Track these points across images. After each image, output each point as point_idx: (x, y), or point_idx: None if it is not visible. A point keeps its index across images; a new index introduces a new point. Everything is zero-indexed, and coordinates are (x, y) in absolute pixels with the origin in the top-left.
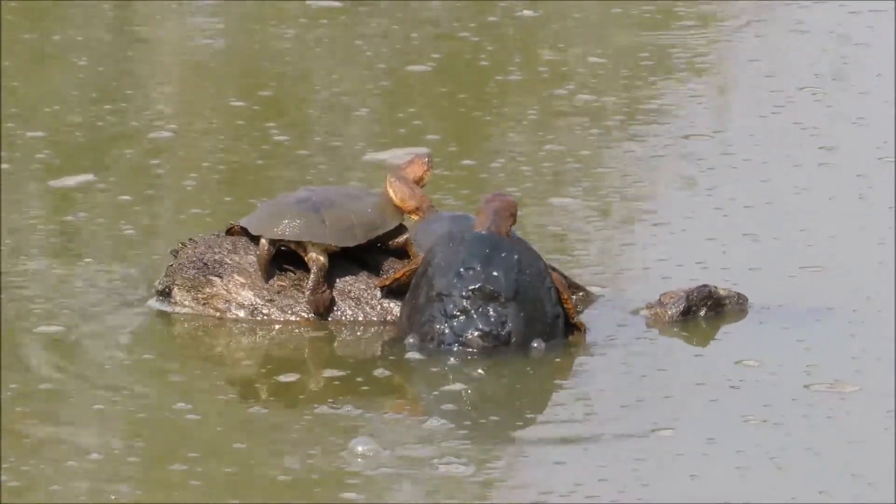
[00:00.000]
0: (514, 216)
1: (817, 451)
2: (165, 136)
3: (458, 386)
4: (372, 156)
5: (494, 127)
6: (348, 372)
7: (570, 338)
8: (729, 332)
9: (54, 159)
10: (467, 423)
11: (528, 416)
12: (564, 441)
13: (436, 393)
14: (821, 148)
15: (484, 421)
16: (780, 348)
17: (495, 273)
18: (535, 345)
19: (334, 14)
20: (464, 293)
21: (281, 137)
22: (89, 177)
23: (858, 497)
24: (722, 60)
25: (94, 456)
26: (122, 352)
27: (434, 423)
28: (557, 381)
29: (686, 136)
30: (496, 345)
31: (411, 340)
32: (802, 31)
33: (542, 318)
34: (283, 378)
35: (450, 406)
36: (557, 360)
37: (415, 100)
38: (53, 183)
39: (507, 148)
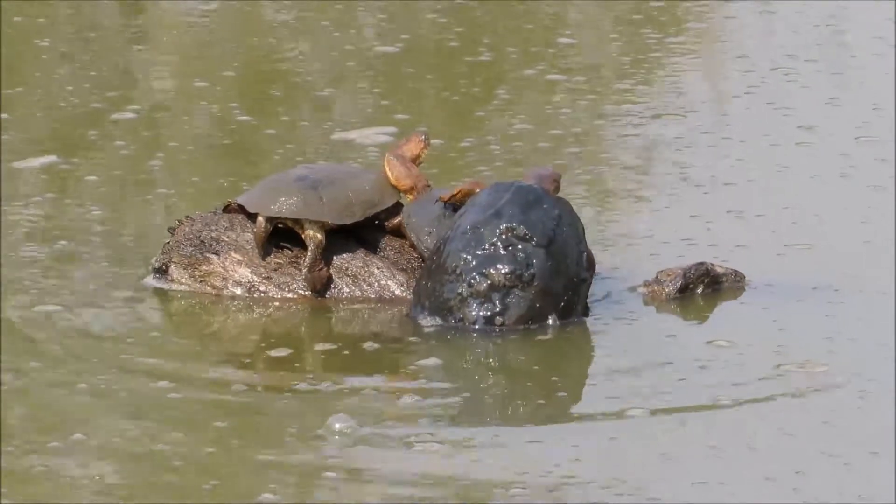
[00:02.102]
0: (557, 183)
1: (789, 432)
2: (128, 118)
3: (432, 361)
4: (340, 135)
5: (463, 107)
6: (336, 346)
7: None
8: (706, 312)
9: (17, 141)
10: (442, 400)
11: (497, 393)
12: (537, 420)
13: (413, 367)
14: (799, 127)
15: (457, 398)
16: (754, 328)
17: (533, 219)
18: (550, 322)
19: None
20: (497, 230)
21: (245, 118)
22: (53, 158)
23: (835, 477)
24: (692, 41)
25: (78, 436)
26: (113, 330)
27: (409, 399)
28: (529, 360)
29: (658, 116)
30: (517, 285)
31: (424, 317)
32: (771, 12)
33: (567, 275)
34: (272, 353)
35: (425, 382)
36: (522, 338)
37: (382, 80)
38: (18, 164)
39: (477, 127)
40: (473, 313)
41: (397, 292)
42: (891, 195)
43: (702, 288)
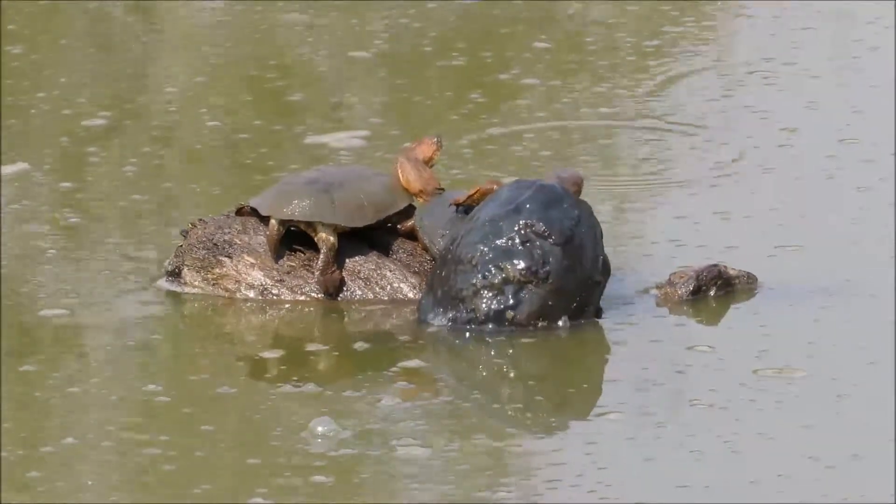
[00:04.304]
0: (578, 186)
1: (770, 436)
2: (98, 124)
3: (416, 363)
4: (313, 139)
5: (436, 111)
6: (327, 347)
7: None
8: (695, 315)
9: None
10: (424, 402)
11: (478, 397)
12: (518, 424)
13: (396, 369)
14: (781, 129)
15: (439, 401)
16: (737, 332)
17: (553, 217)
18: (561, 323)
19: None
20: (516, 225)
21: (216, 123)
22: (24, 166)
23: (818, 480)
24: (667, 45)
25: (70, 440)
26: (115, 333)
27: (390, 402)
28: (513, 365)
29: (633, 119)
30: (531, 281)
31: (435, 313)
32: (748, 17)
33: (582, 276)
34: (264, 354)
35: (404, 384)
36: (511, 342)
37: (356, 85)
38: None
39: (450, 132)
40: (485, 305)
41: (410, 295)
42: (878, 196)
43: (714, 290)
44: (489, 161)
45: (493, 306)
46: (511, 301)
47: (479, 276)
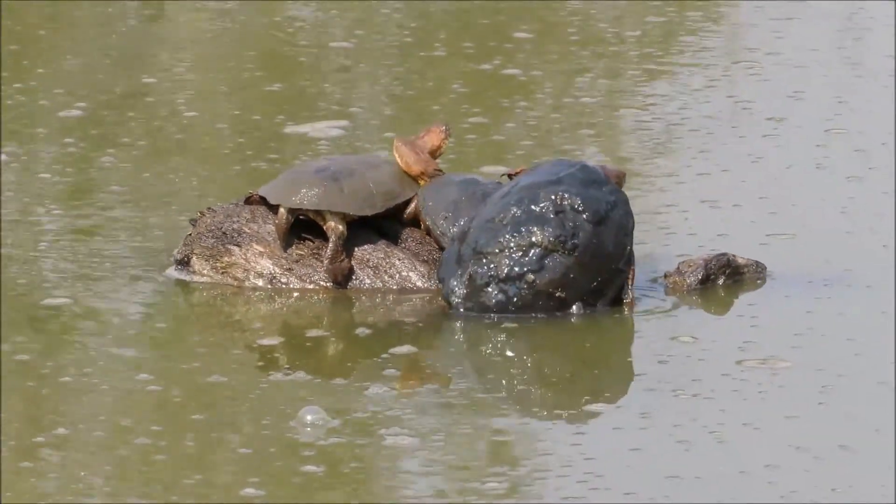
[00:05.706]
0: (619, 180)
1: (755, 426)
2: (76, 115)
3: (406, 348)
4: (293, 129)
5: (417, 101)
6: (327, 333)
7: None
8: (703, 304)
9: None
10: (412, 391)
11: (466, 386)
12: (503, 414)
13: (387, 357)
14: (768, 119)
15: (427, 390)
16: (723, 324)
17: (590, 196)
18: (575, 309)
19: None
20: (553, 195)
21: (194, 113)
22: (2, 156)
23: (807, 470)
24: (651, 36)
25: (61, 431)
26: (113, 323)
27: (378, 390)
28: (505, 353)
29: (617, 110)
30: (558, 250)
31: (455, 282)
32: (732, 6)
33: (607, 258)
34: (261, 342)
35: (396, 372)
36: (504, 330)
37: (336, 75)
38: None
39: (431, 121)
40: (507, 263)
41: (419, 283)
42: (869, 186)
43: (723, 279)
44: (470, 150)
45: (515, 267)
46: (535, 265)
47: (508, 234)
